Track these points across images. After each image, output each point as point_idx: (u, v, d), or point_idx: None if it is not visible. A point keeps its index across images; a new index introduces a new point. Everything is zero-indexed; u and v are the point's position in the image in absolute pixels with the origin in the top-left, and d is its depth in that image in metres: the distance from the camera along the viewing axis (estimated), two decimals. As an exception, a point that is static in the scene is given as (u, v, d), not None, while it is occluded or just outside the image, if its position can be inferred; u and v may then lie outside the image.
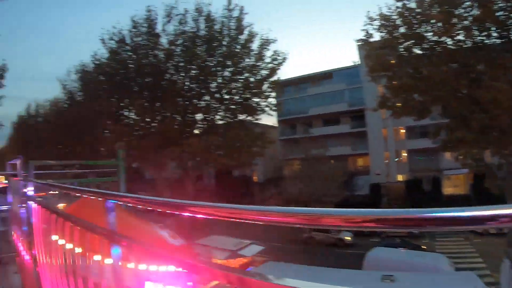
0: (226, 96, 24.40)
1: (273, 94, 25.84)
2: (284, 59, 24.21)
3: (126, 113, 26.17)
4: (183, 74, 23.92)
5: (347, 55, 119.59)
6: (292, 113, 47.20)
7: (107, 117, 27.08)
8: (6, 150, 58.75)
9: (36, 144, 42.26)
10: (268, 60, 24.05)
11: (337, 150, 42.83)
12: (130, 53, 24.31)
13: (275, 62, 24.00)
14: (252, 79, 23.97)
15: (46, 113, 42.19)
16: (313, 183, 34.05)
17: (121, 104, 24.93)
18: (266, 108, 25.26)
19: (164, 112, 22.76)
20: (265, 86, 24.48)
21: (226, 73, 23.97)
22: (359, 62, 38.63)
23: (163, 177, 26.94)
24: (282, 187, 39.88)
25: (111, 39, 24.67)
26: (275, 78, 24.65)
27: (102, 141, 29.00)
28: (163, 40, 23.64)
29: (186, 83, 24.05)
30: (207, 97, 24.18)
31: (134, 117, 25.22)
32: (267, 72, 24.05)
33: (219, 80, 24.01)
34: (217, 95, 24.23)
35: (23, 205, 3.51)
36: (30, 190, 3.34)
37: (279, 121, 48.01)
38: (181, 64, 23.46)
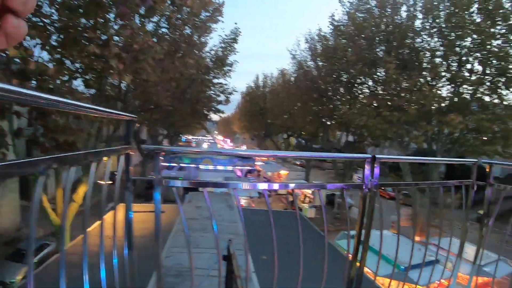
0: (478, 66, 18.95)
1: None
2: None
3: (369, 83, 23.77)
4: (428, 39, 19.92)
5: None
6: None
7: (343, 86, 25.48)
8: (234, 118, 65.43)
9: (261, 112, 44.82)
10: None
11: None
12: (373, 10, 21.34)
13: None
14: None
15: (273, 84, 43.83)
16: None
17: (362, 71, 22.35)
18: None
19: (417, 79, 19.06)
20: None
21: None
22: None
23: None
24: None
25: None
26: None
27: (334, 113, 27.80)
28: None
29: (427, 53, 19.97)
30: (454, 64, 19.36)
31: (374, 85, 22.82)
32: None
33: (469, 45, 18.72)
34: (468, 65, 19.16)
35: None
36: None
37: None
38: (427, 24, 19.54)
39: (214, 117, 40.33)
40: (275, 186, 2.27)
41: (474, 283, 2.99)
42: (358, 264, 2.26)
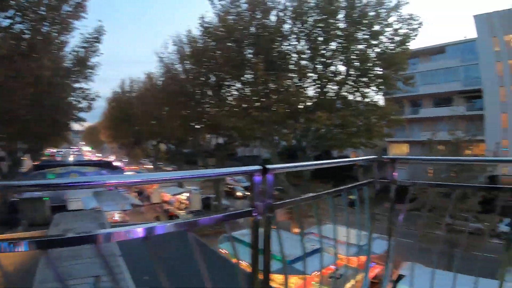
0: (342, 68, 20.25)
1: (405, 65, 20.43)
2: (421, 24, 19.14)
3: (237, 84, 23.68)
4: (295, 43, 20.81)
5: (462, 28, 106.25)
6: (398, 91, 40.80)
7: (211, 88, 25.14)
8: (100, 126, 60.92)
9: (128, 119, 42.26)
10: (398, 25, 19.10)
11: (447, 135, 37.65)
12: (244, 13, 21.13)
13: (410, 27, 19.09)
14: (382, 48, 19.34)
15: (140, 88, 41.64)
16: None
17: (229, 74, 22.28)
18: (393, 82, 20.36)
19: (284, 80, 19.59)
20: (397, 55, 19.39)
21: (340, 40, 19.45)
22: (476, 36, 36.06)
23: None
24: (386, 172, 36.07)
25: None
26: (406, 46, 19.60)
27: (203, 116, 27.33)
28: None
29: (294, 55, 20.83)
30: (320, 66, 20.38)
31: (242, 87, 22.96)
32: (400, 38, 19.17)
33: (333, 47, 19.77)
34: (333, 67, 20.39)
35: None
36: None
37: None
38: (295, 28, 20.39)
39: (78, 126, 36.76)
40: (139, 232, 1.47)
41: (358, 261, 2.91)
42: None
